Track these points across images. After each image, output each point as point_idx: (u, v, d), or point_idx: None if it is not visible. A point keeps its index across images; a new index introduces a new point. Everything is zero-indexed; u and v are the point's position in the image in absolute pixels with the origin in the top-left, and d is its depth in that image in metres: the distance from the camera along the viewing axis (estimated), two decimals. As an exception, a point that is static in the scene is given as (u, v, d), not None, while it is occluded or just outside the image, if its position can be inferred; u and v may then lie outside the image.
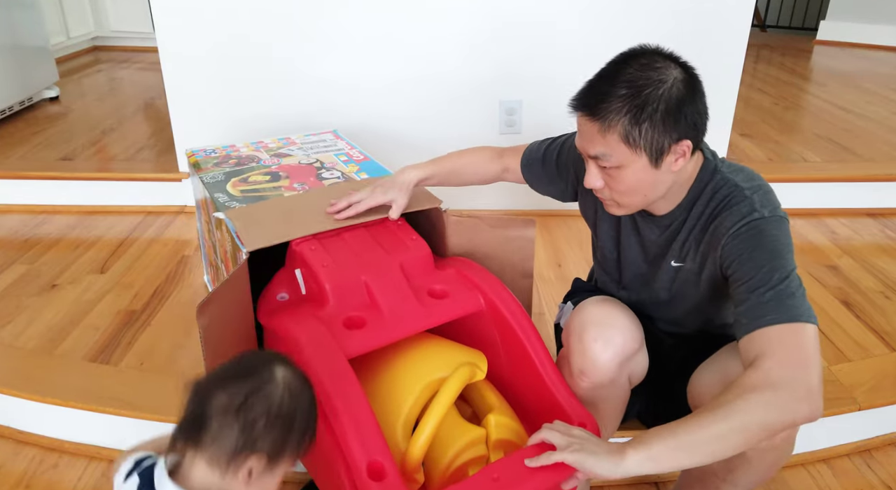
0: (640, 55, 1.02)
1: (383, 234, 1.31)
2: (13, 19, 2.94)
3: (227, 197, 1.47)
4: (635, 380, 1.21)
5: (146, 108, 3.17)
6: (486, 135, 2.25)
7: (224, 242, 1.45)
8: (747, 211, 1.04)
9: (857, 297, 1.89)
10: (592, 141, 1.03)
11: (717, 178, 1.08)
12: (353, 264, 1.22)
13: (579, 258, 2.08)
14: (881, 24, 4.49)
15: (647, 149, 1.00)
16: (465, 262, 1.32)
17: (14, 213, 2.36)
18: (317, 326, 1.11)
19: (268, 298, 1.27)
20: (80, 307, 1.80)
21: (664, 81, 0.98)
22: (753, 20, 4.51)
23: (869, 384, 1.51)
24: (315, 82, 2.22)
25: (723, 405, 0.90)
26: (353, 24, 2.14)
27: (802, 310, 0.96)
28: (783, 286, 0.97)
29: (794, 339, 0.94)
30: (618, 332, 1.12)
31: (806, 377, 0.90)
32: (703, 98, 1.03)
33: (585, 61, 2.18)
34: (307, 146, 1.78)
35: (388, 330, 1.15)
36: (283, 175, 1.59)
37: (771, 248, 1.01)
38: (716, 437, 0.89)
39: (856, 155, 2.62)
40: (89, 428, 1.46)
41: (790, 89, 3.62)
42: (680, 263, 1.15)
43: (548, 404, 1.17)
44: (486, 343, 1.27)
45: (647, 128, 0.98)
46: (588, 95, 1.02)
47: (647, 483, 1.43)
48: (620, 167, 1.02)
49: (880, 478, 1.43)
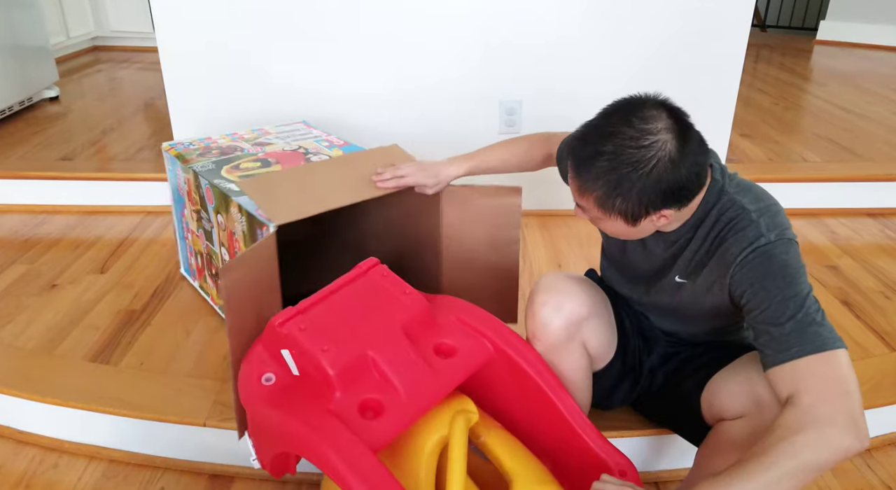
0: (635, 110, 0.98)
1: (372, 292, 1.17)
2: (13, 19, 2.94)
3: (226, 182, 1.49)
4: (597, 353, 1.22)
5: (146, 108, 3.17)
6: (486, 135, 2.25)
7: (230, 224, 1.46)
8: (754, 236, 1.03)
9: (857, 297, 1.89)
10: (575, 190, 1.05)
11: (724, 200, 1.07)
12: (353, 338, 1.08)
13: (579, 258, 2.08)
14: (881, 24, 4.49)
15: (622, 215, 1.01)
16: (458, 303, 1.23)
17: (14, 213, 2.36)
18: (341, 431, 0.96)
19: (250, 380, 1.10)
20: (80, 307, 1.80)
21: (646, 161, 0.95)
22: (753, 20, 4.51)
23: (869, 384, 1.51)
24: (317, 81, 2.22)
25: (769, 451, 0.89)
26: (354, 25, 2.14)
27: (827, 336, 0.95)
28: (801, 315, 0.97)
29: (827, 370, 0.93)
30: (566, 297, 1.15)
31: (848, 408, 0.90)
32: (693, 167, 0.99)
33: (585, 61, 2.19)
34: (283, 135, 1.83)
35: (408, 411, 1.03)
36: (273, 161, 1.63)
37: (782, 274, 1.00)
38: (767, 486, 0.88)
39: (856, 155, 2.62)
40: (89, 428, 1.46)
41: (790, 89, 3.62)
42: (684, 280, 1.15)
43: (578, 451, 1.15)
44: (498, 390, 1.21)
45: (620, 202, 0.99)
46: (577, 149, 1.02)
47: (647, 483, 1.43)
48: (600, 220, 1.06)
49: (880, 478, 1.43)
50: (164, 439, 1.43)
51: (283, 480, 1.40)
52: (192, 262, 1.83)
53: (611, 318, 1.25)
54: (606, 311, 1.24)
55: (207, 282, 1.77)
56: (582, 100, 2.28)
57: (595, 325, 1.19)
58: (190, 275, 1.88)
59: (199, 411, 1.40)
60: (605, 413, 1.38)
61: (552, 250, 2.13)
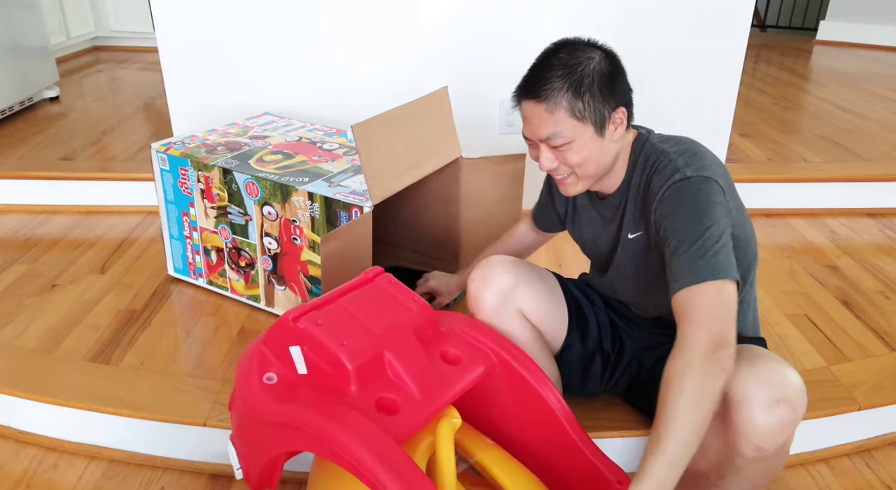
0: (564, 45, 1.13)
1: (382, 298, 1.18)
2: (13, 19, 2.94)
3: (276, 175, 1.59)
4: (539, 321, 1.27)
5: (146, 108, 3.17)
6: (486, 135, 2.25)
7: (289, 213, 1.58)
8: (671, 172, 1.10)
9: (857, 297, 1.89)
10: (541, 123, 1.11)
11: (647, 148, 1.16)
12: (368, 337, 1.08)
13: (579, 258, 2.08)
14: (881, 24, 4.50)
15: (591, 118, 1.09)
16: (459, 317, 1.25)
17: (14, 213, 2.36)
18: (363, 421, 0.96)
19: (250, 380, 1.09)
20: (80, 307, 1.80)
21: (592, 59, 1.10)
22: (753, 20, 4.51)
23: (869, 384, 1.51)
24: (317, 81, 2.22)
25: (669, 412, 0.93)
26: (354, 25, 2.14)
27: (713, 267, 1.00)
28: (696, 247, 1.02)
29: (702, 299, 0.99)
30: (492, 271, 1.24)
31: (713, 330, 0.96)
32: (626, 74, 1.14)
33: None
34: (264, 128, 1.93)
35: (422, 412, 1.04)
36: (292, 152, 1.74)
37: (688, 207, 1.06)
38: (686, 445, 0.92)
39: (856, 155, 2.62)
40: (89, 428, 1.46)
41: (790, 89, 3.62)
42: (634, 234, 1.20)
43: (576, 463, 1.16)
44: (494, 405, 1.22)
45: (588, 99, 1.08)
46: (529, 83, 1.12)
47: (647, 483, 1.43)
48: (571, 142, 1.11)
49: (880, 478, 1.43)
50: (164, 439, 1.43)
51: (283, 480, 1.40)
52: (195, 261, 1.84)
53: (549, 287, 1.31)
54: (541, 281, 1.29)
55: (226, 276, 1.80)
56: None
57: (527, 291, 1.25)
58: (189, 274, 1.88)
59: (199, 411, 1.40)
60: (599, 413, 1.38)
61: (552, 250, 2.13)
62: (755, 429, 0.96)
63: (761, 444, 0.97)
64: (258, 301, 1.78)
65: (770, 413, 0.95)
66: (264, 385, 1.07)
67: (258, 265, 1.72)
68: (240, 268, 1.76)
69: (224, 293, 1.84)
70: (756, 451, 0.98)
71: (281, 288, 1.71)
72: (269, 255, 1.68)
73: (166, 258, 1.91)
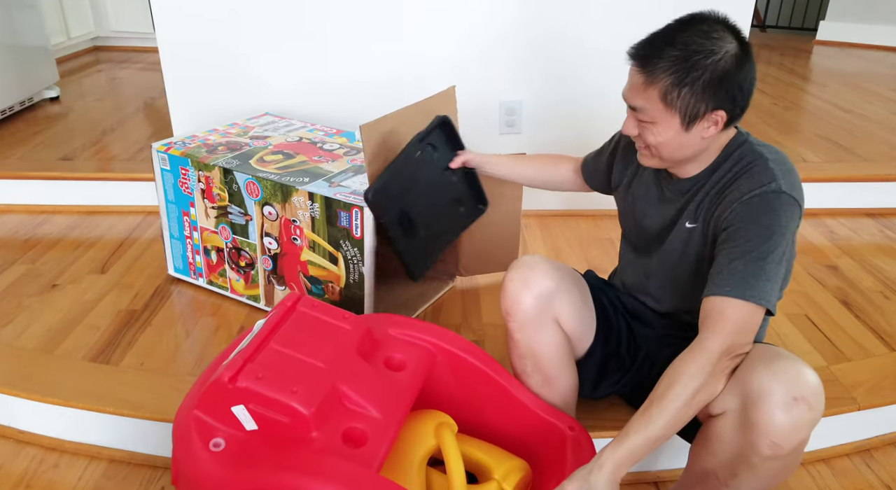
0: (701, 21, 1.06)
1: (311, 325, 1.14)
2: (13, 19, 2.94)
3: (277, 175, 1.60)
4: (572, 330, 1.24)
5: (146, 108, 3.17)
6: (486, 135, 2.25)
7: (289, 213, 1.59)
8: (767, 180, 1.07)
9: (857, 297, 1.89)
10: (635, 93, 1.09)
11: (745, 148, 1.13)
12: (317, 374, 1.04)
13: (580, 258, 2.08)
14: (881, 24, 4.49)
15: (682, 111, 1.05)
16: (385, 317, 1.26)
17: (14, 213, 2.36)
18: (341, 467, 0.93)
19: (195, 451, 0.99)
20: (80, 307, 1.80)
21: (716, 52, 1.03)
22: (753, 20, 4.51)
23: (869, 384, 1.51)
24: (316, 81, 2.22)
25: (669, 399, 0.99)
26: (355, 24, 2.14)
27: (758, 290, 1.01)
28: (756, 265, 1.02)
29: (738, 316, 1.01)
30: (533, 272, 1.20)
31: (727, 343, 1.00)
32: (750, 74, 1.06)
33: (585, 61, 2.19)
34: (265, 128, 1.95)
35: (388, 430, 1.03)
36: (292, 153, 1.75)
37: (768, 222, 1.04)
38: (670, 426, 0.99)
39: (856, 155, 2.62)
40: (89, 428, 1.46)
41: (790, 89, 3.62)
42: (694, 224, 1.17)
43: (527, 421, 1.21)
44: (442, 393, 1.26)
45: (685, 92, 1.04)
46: (644, 48, 1.08)
47: (647, 483, 1.43)
48: (654, 123, 1.08)
49: (880, 478, 1.44)
50: (164, 439, 1.43)
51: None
52: (195, 261, 1.84)
53: (583, 296, 1.28)
54: (577, 288, 1.26)
55: (226, 276, 1.80)
56: (582, 100, 2.28)
57: (565, 299, 1.22)
58: (190, 274, 1.88)
59: (199, 411, 1.40)
60: (601, 413, 1.38)
61: (552, 250, 2.13)
62: (773, 426, 0.97)
63: (778, 441, 0.97)
64: (258, 301, 1.78)
65: (787, 411, 0.96)
66: (213, 453, 0.98)
67: (258, 265, 1.72)
68: (240, 268, 1.76)
69: (224, 293, 1.84)
70: (772, 449, 0.98)
71: (281, 288, 1.71)
72: (270, 255, 1.68)
73: (167, 258, 1.91)
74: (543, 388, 1.25)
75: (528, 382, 1.26)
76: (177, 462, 1.02)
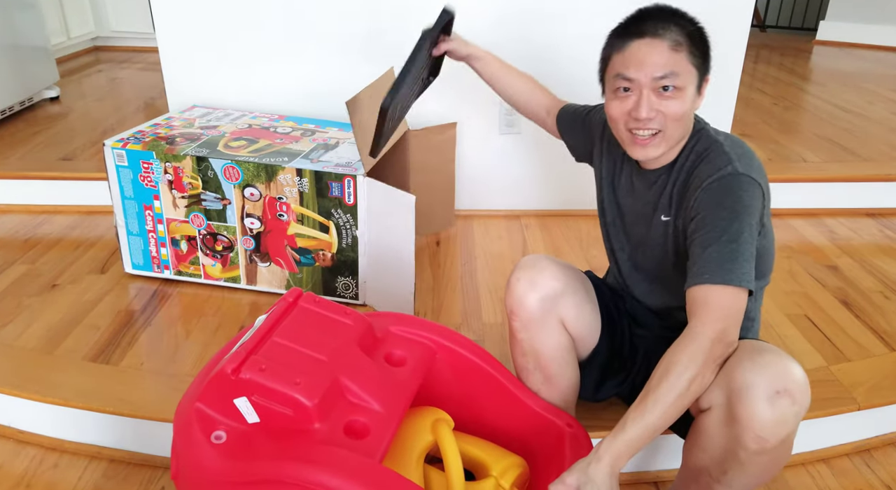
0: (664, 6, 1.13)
1: (315, 320, 1.15)
2: (13, 19, 2.94)
3: (257, 156, 1.67)
4: (577, 331, 1.24)
5: (146, 108, 3.17)
6: (486, 135, 2.25)
7: (274, 191, 1.66)
8: (722, 164, 1.10)
9: (857, 297, 1.89)
10: (661, 61, 1.08)
11: (703, 135, 1.16)
12: (319, 367, 1.05)
13: (579, 258, 2.08)
14: (881, 24, 4.49)
15: (700, 71, 1.10)
16: (387, 315, 1.26)
17: (14, 213, 2.36)
18: (343, 457, 0.94)
19: (197, 443, 0.99)
20: (80, 307, 1.80)
21: (696, 23, 1.11)
22: (753, 20, 4.51)
23: (868, 384, 1.51)
24: (315, 80, 2.22)
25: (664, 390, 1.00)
26: (355, 24, 2.14)
27: (735, 274, 1.02)
28: (729, 249, 1.03)
29: (718, 300, 1.02)
30: (539, 273, 1.20)
31: (717, 329, 1.01)
32: None
33: (585, 61, 2.18)
34: (207, 118, 2.01)
35: (390, 423, 1.04)
36: (253, 138, 1.83)
37: (730, 205, 1.06)
38: (667, 416, 0.99)
39: (855, 155, 2.62)
40: (89, 428, 1.46)
41: (790, 89, 3.62)
42: (668, 218, 1.19)
43: (527, 418, 1.22)
44: (440, 392, 1.26)
45: (704, 50, 1.10)
46: (648, 24, 1.10)
47: (647, 483, 1.43)
48: (682, 89, 1.09)
49: (880, 478, 1.44)
50: (164, 439, 1.43)
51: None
52: (160, 253, 1.87)
53: (590, 298, 1.27)
54: (584, 289, 1.26)
55: (199, 263, 1.84)
56: (582, 100, 2.28)
57: (571, 301, 1.22)
58: (153, 268, 1.90)
59: (199, 411, 1.40)
60: (600, 413, 1.38)
61: (552, 250, 2.13)
62: (756, 420, 0.97)
63: (762, 435, 0.97)
64: (238, 282, 1.83)
65: (771, 404, 0.96)
66: (215, 445, 0.98)
67: (238, 247, 1.77)
68: (216, 252, 1.81)
69: (196, 281, 1.87)
70: (757, 443, 0.98)
71: (265, 264, 1.78)
72: (252, 234, 1.74)
73: (122, 256, 1.91)
74: (544, 386, 1.26)
75: (529, 380, 1.26)
76: (177, 455, 1.02)
